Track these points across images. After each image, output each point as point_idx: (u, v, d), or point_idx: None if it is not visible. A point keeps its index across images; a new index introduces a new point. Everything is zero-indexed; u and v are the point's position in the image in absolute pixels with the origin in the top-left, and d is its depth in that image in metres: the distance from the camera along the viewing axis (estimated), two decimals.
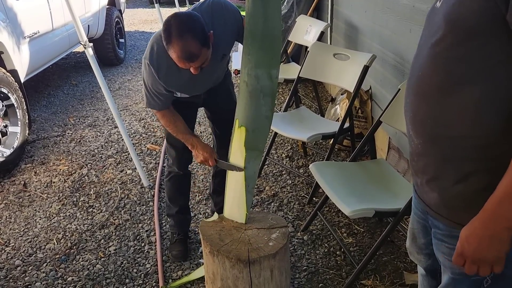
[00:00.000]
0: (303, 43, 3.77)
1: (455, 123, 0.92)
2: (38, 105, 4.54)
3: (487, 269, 0.92)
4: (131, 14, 10.45)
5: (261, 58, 1.55)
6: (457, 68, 0.89)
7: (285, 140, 3.43)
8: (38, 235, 2.47)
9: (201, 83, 1.93)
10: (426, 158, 1.02)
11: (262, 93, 1.57)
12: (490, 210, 0.87)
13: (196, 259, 2.21)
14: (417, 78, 0.99)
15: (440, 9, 0.94)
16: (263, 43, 1.53)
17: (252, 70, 1.55)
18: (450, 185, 0.97)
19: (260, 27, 1.51)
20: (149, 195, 2.80)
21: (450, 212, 0.99)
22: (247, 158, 1.63)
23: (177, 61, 1.62)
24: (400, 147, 2.53)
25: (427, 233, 1.18)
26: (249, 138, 1.61)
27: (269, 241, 1.61)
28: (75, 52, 6.34)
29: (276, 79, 1.58)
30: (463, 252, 0.93)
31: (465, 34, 0.87)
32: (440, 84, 0.93)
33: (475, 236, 0.90)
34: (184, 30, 1.57)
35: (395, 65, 2.55)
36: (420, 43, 1.03)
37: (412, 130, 1.05)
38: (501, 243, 0.88)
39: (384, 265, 2.11)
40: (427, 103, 0.97)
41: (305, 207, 2.60)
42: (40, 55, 3.95)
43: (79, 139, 3.70)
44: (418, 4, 2.16)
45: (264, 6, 1.49)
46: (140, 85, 5.16)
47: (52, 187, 2.96)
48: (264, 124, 1.63)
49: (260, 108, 1.59)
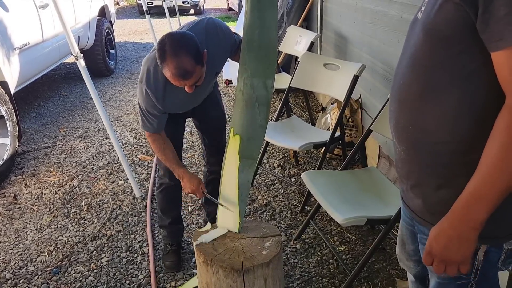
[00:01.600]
0: (294, 53, 3.81)
1: (434, 129, 0.95)
2: (28, 116, 4.51)
3: (454, 268, 0.93)
4: (121, 24, 10.46)
5: (257, 68, 1.56)
6: (434, 75, 0.92)
7: (277, 149, 3.45)
8: (29, 248, 2.45)
9: (195, 99, 1.95)
10: (409, 164, 1.04)
11: (258, 102, 1.58)
12: (458, 211, 0.89)
13: (189, 269, 2.21)
14: (398, 86, 1.02)
15: (420, 20, 0.97)
16: (259, 53, 1.55)
17: (248, 79, 1.57)
18: (433, 190, 1.00)
19: (257, 37, 1.53)
20: (141, 206, 2.79)
21: (434, 217, 1.01)
22: (241, 166, 1.64)
23: (171, 79, 1.63)
24: (391, 155, 2.56)
25: (415, 239, 1.19)
26: (244, 147, 1.62)
27: (262, 250, 1.62)
28: (65, 63, 6.33)
29: (272, 89, 1.60)
30: (431, 251, 0.95)
31: (441, 43, 0.89)
32: (420, 91, 0.96)
33: (443, 236, 0.92)
34: (178, 48, 1.59)
35: (384, 75, 2.59)
36: (402, 53, 1.06)
37: (395, 137, 1.07)
38: (468, 243, 0.90)
39: (377, 273, 2.13)
40: (408, 110, 1.00)
41: (298, 216, 2.61)
42: (30, 66, 3.94)
43: (70, 150, 3.68)
44: (405, 15, 2.21)
45: (260, 16, 1.51)
46: (131, 96, 5.16)
47: (43, 199, 2.94)
48: (258, 133, 1.64)
49: (255, 117, 1.61)
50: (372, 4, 2.74)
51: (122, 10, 13.85)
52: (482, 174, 0.85)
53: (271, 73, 1.58)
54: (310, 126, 3.01)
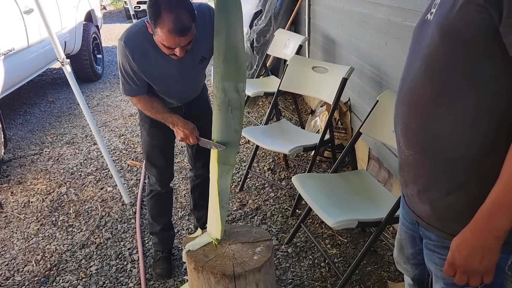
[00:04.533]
0: (282, 57, 3.81)
1: (448, 134, 0.92)
2: (14, 123, 4.45)
3: (477, 279, 0.91)
4: (108, 29, 10.39)
5: (226, 71, 1.54)
6: (451, 79, 0.89)
7: (267, 153, 3.44)
8: (15, 257, 2.40)
9: (176, 83, 1.90)
10: (417, 169, 1.02)
11: (230, 106, 1.56)
12: (481, 220, 0.87)
13: (180, 276, 2.18)
14: (409, 89, 0.99)
15: (432, 21, 0.94)
16: (227, 56, 1.53)
17: (219, 83, 1.55)
18: (442, 196, 0.97)
19: (224, 40, 1.51)
20: (131, 212, 2.76)
21: (442, 223, 0.99)
22: (219, 172, 1.63)
23: (166, 37, 1.59)
24: (380, 157, 2.57)
25: (415, 243, 1.18)
26: (221, 152, 1.61)
27: (253, 255, 1.60)
28: (52, 69, 6.26)
29: (243, 93, 1.57)
30: (454, 262, 0.92)
31: (459, 45, 0.86)
32: (433, 95, 0.93)
33: (465, 246, 0.90)
34: (174, 2, 1.57)
35: (372, 77, 2.60)
36: (410, 55, 1.03)
37: (403, 141, 1.04)
38: (491, 253, 0.88)
39: (369, 275, 2.12)
40: (420, 114, 0.97)
41: (289, 220, 2.60)
42: (15, 72, 3.88)
43: (57, 157, 3.63)
44: (393, 18, 2.22)
45: (225, 18, 1.49)
46: (119, 101, 5.12)
47: (30, 207, 2.89)
48: (233, 138, 1.61)
49: (229, 122, 1.59)
50: (359, 7, 2.75)
51: (109, 14, 13.76)
52: (505, 182, 0.83)
53: (242, 76, 1.55)
54: (300, 129, 3.01)
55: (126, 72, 1.80)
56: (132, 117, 4.50)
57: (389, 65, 2.34)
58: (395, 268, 2.03)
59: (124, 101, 5.07)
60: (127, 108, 4.84)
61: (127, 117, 4.53)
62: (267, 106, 4.50)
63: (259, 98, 4.59)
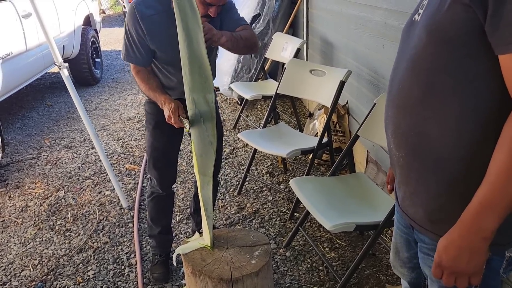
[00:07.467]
0: (280, 60, 3.82)
1: (437, 135, 0.92)
2: (12, 127, 4.44)
3: (464, 280, 0.91)
4: (107, 33, 10.40)
5: (194, 82, 1.52)
6: (437, 79, 0.89)
7: (265, 156, 3.44)
8: (12, 262, 2.39)
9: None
10: (409, 171, 1.01)
11: (202, 118, 1.54)
12: (468, 221, 0.86)
13: (178, 280, 2.18)
14: (397, 91, 0.99)
15: (419, 22, 0.94)
16: (192, 67, 1.50)
17: (189, 94, 1.54)
18: (433, 197, 0.97)
19: (186, 50, 1.48)
20: (129, 216, 2.75)
21: (434, 225, 0.99)
22: (201, 183, 1.62)
23: None
24: (378, 160, 2.56)
25: (410, 247, 1.18)
26: (199, 164, 1.59)
27: (251, 259, 1.60)
28: (50, 73, 6.25)
29: (213, 104, 1.52)
30: (441, 263, 0.92)
31: (446, 45, 0.86)
32: (421, 95, 0.92)
33: (452, 247, 0.89)
34: None
35: (370, 80, 2.61)
36: (398, 57, 1.03)
37: (393, 143, 1.04)
38: (478, 254, 0.87)
39: (367, 279, 2.12)
40: (409, 115, 0.96)
41: (287, 223, 2.60)
42: (13, 76, 3.88)
43: (55, 161, 3.62)
44: (390, 21, 2.23)
45: (185, 27, 1.46)
46: (117, 104, 5.11)
47: (28, 212, 2.88)
48: (208, 150, 1.58)
49: (203, 133, 1.56)
50: (357, 10, 2.76)
51: (108, 18, 13.77)
52: (491, 183, 0.83)
53: (209, 88, 1.52)
54: (298, 132, 3.01)
55: (131, 36, 1.79)
56: (131, 121, 4.50)
57: (387, 68, 2.34)
58: (393, 271, 2.03)
59: (123, 105, 5.06)
60: (126, 112, 4.83)
61: (126, 120, 4.53)
62: (265, 109, 4.49)
63: (257, 101, 4.60)
